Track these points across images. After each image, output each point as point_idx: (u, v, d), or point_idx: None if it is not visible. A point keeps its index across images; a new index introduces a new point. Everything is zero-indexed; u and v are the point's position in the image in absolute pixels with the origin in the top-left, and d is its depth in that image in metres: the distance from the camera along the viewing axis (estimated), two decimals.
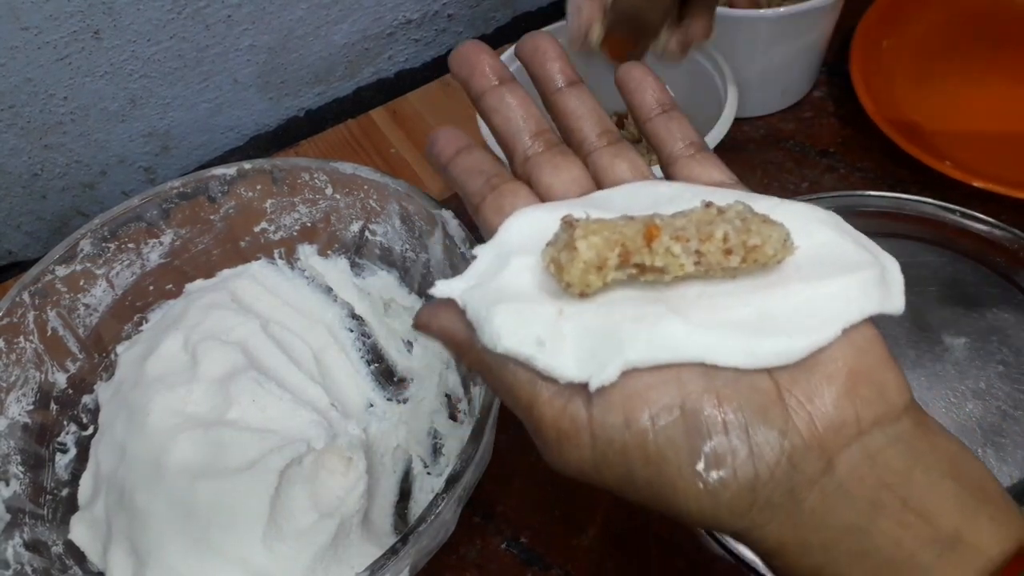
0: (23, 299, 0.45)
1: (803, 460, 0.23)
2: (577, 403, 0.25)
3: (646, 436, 0.24)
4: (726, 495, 0.23)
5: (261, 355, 0.49)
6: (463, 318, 0.27)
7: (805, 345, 0.24)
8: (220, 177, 0.49)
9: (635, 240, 0.25)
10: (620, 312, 0.25)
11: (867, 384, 0.24)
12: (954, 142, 0.57)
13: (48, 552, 0.43)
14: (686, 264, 0.25)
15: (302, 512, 0.41)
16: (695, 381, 0.24)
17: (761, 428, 0.23)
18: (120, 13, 0.57)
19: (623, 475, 0.25)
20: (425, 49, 0.73)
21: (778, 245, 0.25)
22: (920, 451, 0.24)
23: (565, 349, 0.25)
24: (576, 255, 0.25)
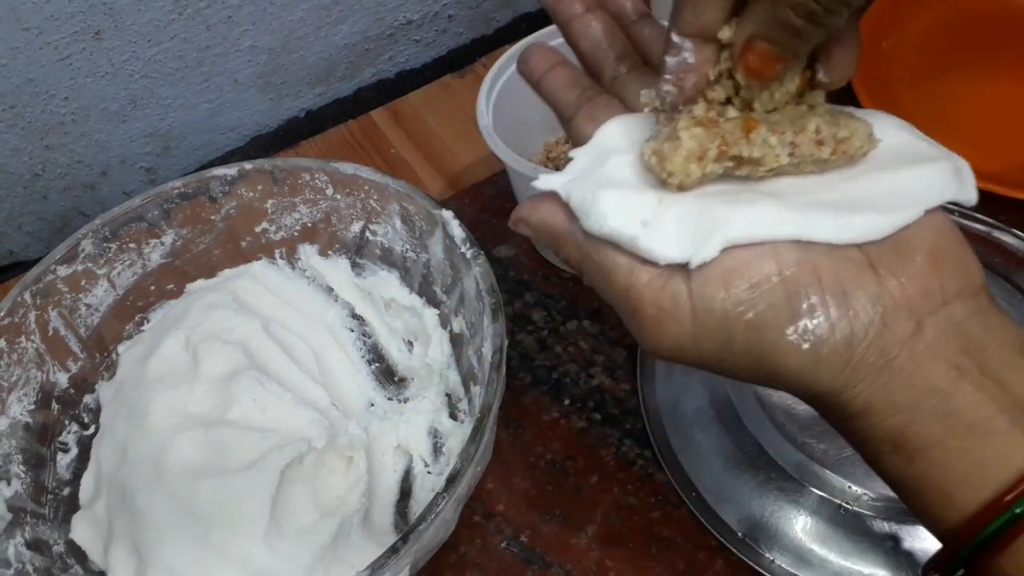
0: (24, 299, 0.45)
1: (894, 321, 0.25)
2: (677, 280, 0.26)
3: (746, 304, 0.25)
4: (824, 352, 0.25)
5: (262, 355, 0.49)
6: (563, 209, 0.29)
7: (892, 221, 0.26)
8: (221, 177, 0.49)
9: (734, 132, 0.27)
10: (717, 199, 0.27)
11: (950, 259, 0.26)
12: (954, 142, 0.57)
13: (49, 551, 0.43)
14: (781, 155, 0.27)
15: (303, 511, 0.42)
16: (791, 253, 0.26)
17: (856, 291, 0.25)
18: (121, 14, 0.57)
19: (723, 343, 0.26)
20: (425, 50, 0.74)
21: (864, 138, 0.27)
22: (994, 326, 0.26)
23: (667, 231, 0.26)
24: (679, 144, 0.26)
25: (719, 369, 0.27)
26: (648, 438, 0.47)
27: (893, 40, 0.63)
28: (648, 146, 0.28)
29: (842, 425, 0.27)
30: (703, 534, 0.43)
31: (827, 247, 0.26)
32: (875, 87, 0.59)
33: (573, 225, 0.28)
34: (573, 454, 0.48)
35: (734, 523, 0.43)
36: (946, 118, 0.59)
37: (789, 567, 0.41)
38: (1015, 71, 0.62)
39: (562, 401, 0.50)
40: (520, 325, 0.54)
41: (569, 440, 0.49)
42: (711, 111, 0.28)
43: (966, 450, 0.24)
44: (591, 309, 0.54)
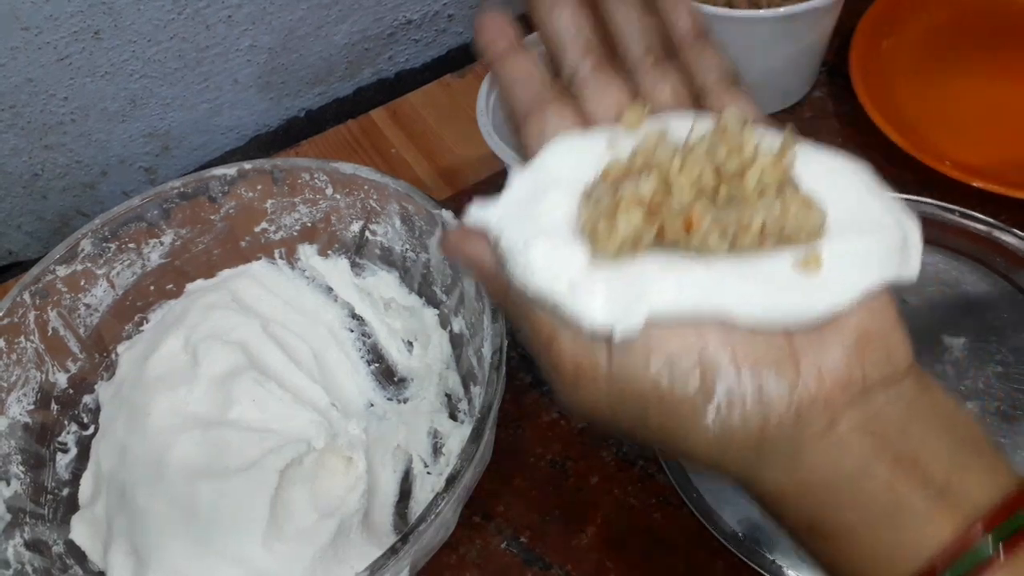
0: (24, 299, 0.45)
1: (809, 413, 0.24)
2: (598, 346, 0.26)
3: (662, 380, 0.25)
4: (734, 440, 0.25)
5: (261, 355, 0.49)
6: (493, 247, 0.28)
7: (823, 308, 0.25)
8: (220, 177, 0.49)
9: (674, 222, 0.26)
10: (649, 260, 0.26)
11: (876, 347, 0.25)
12: (954, 142, 0.57)
13: (49, 552, 0.43)
14: (719, 249, 0.26)
15: (302, 512, 0.42)
16: (714, 334, 0.25)
17: (772, 380, 0.24)
18: (120, 13, 0.57)
19: (637, 416, 0.26)
20: (425, 49, 0.74)
21: (812, 231, 0.26)
22: (918, 408, 0.25)
23: (594, 295, 0.26)
24: (614, 232, 0.25)
25: (634, 440, 0.27)
26: None
27: (893, 40, 0.63)
28: (585, 210, 0.27)
29: (760, 505, 0.27)
30: (704, 535, 0.43)
31: (751, 331, 0.25)
32: (875, 87, 0.59)
33: (501, 266, 0.27)
34: (573, 454, 0.48)
35: (735, 524, 0.43)
36: (946, 118, 0.59)
37: (790, 568, 0.41)
38: (1015, 71, 0.62)
39: None
40: None
41: (569, 440, 0.48)
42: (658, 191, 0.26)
43: (881, 534, 0.24)
44: None
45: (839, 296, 0.25)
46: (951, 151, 0.56)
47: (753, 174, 0.26)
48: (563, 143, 0.29)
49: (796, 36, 0.57)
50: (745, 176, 0.26)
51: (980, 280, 0.50)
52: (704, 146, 0.26)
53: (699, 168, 0.26)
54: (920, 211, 0.51)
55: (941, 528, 0.23)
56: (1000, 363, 0.47)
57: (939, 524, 0.23)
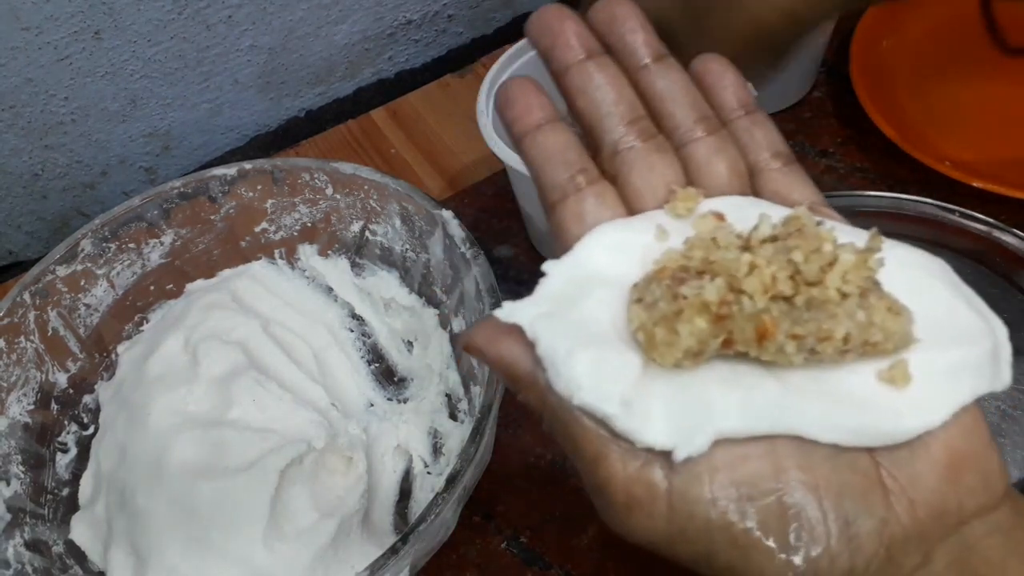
0: (24, 299, 0.45)
1: (901, 552, 0.22)
2: (655, 468, 0.22)
3: (733, 516, 0.22)
4: None
5: (262, 355, 0.49)
6: (529, 351, 0.24)
7: (913, 427, 0.22)
8: (221, 177, 0.49)
9: (745, 330, 0.22)
10: (712, 371, 0.23)
11: (971, 471, 0.23)
12: (954, 142, 0.57)
13: (49, 552, 0.43)
14: (796, 361, 0.23)
15: (302, 512, 0.42)
16: (791, 456, 0.22)
17: (861, 516, 0.22)
18: (121, 13, 0.57)
19: (701, 553, 0.22)
20: (425, 50, 0.74)
21: (900, 341, 0.23)
22: (1016, 539, 0.23)
23: (651, 412, 0.22)
24: (675, 340, 0.22)
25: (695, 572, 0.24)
26: None
27: (893, 40, 0.63)
28: (637, 316, 0.23)
29: None
30: None
31: (834, 450, 0.22)
32: (875, 87, 0.59)
33: (538, 372, 0.24)
34: None
35: None
36: (946, 118, 0.59)
37: None
38: (1016, 70, 0.62)
39: None
40: None
41: None
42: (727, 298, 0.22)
43: None
44: None
45: (930, 413, 0.22)
46: (951, 151, 0.56)
47: (835, 277, 0.22)
48: (605, 233, 0.25)
49: None
50: (825, 279, 0.22)
51: (980, 280, 0.50)
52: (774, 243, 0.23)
53: (772, 269, 0.22)
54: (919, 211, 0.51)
55: None
56: None
57: None
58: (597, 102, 0.27)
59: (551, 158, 0.27)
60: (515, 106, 0.27)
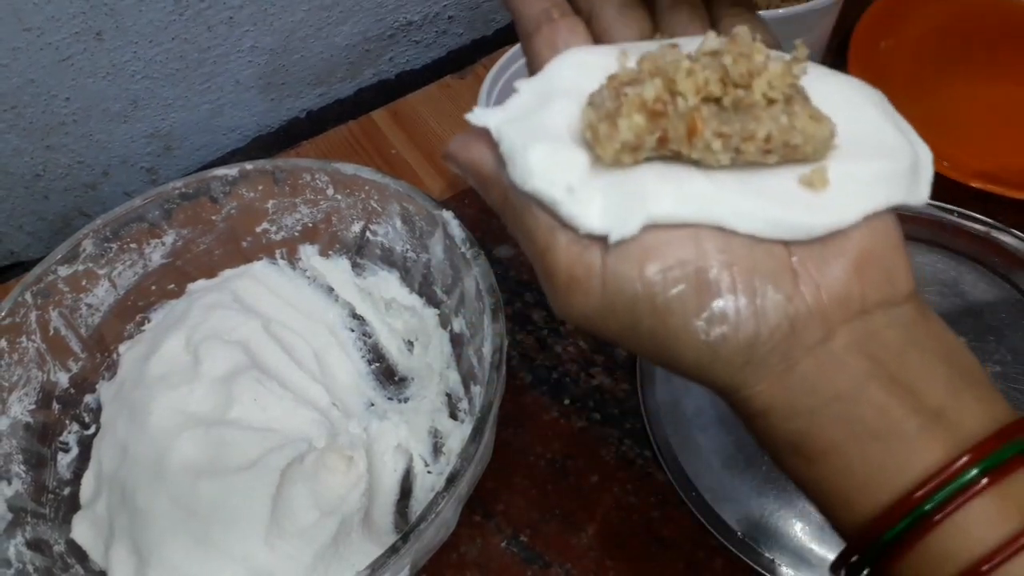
0: (25, 299, 0.45)
1: (804, 327, 0.24)
2: (593, 251, 0.25)
3: (656, 287, 0.24)
4: (725, 350, 0.24)
5: (263, 355, 0.49)
6: (494, 151, 0.27)
7: (825, 224, 0.24)
8: (222, 178, 0.49)
9: (677, 128, 0.25)
10: (650, 169, 0.26)
11: (877, 267, 0.25)
12: (952, 142, 0.57)
13: (50, 551, 0.43)
14: (722, 159, 0.25)
15: (303, 511, 0.42)
16: (712, 241, 0.24)
17: (768, 290, 0.24)
18: (122, 14, 0.57)
19: (628, 324, 0.25)
20: (426, 51, 0.74)
21: (819, 145, 0.25)
22: (916, 333, 0.25)
23: (592, 199, 0.25)
24: (615, 134, 0.25)
25: (625, 347, 0.27)
26: (648, 438, 0.47)
27: (893, 40, 0.63)
28: (587, 113, 0.26)
29: (744, 422, 0.26)
30: (703, 534, 0.44)
31: (751, 240, 0.25)
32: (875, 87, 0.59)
33: (501, 170, 0.27)
34: (573, 454, 0.48)
35: (734, 523, 0.43)
36: (946, 118, 0.59)
37: (788, 567, 0.41)
38: (1015, 71, 0.62)
39: (562, 401, 0.50)
40: (520, 325, 0.54)
41: (569, 440, 0.49)
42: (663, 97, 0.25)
43: (868, 455, 0.24)
44: None
45: (843, 213, 0.25)
46: (949, 151, 0.56)
47: (761, 82, 0.25)
48: (572, 56, 0.28)
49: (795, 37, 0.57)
50: (753, 85, 0.25)
51: (978, 280, 0.50)
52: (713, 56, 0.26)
53: (706, 74, 0.25)
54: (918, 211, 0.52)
55: (930, 454, 0.23)
56: (998, 363, 0.47)
57: (928, 450, 0.23)
58: None
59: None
60: None
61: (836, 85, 0.28)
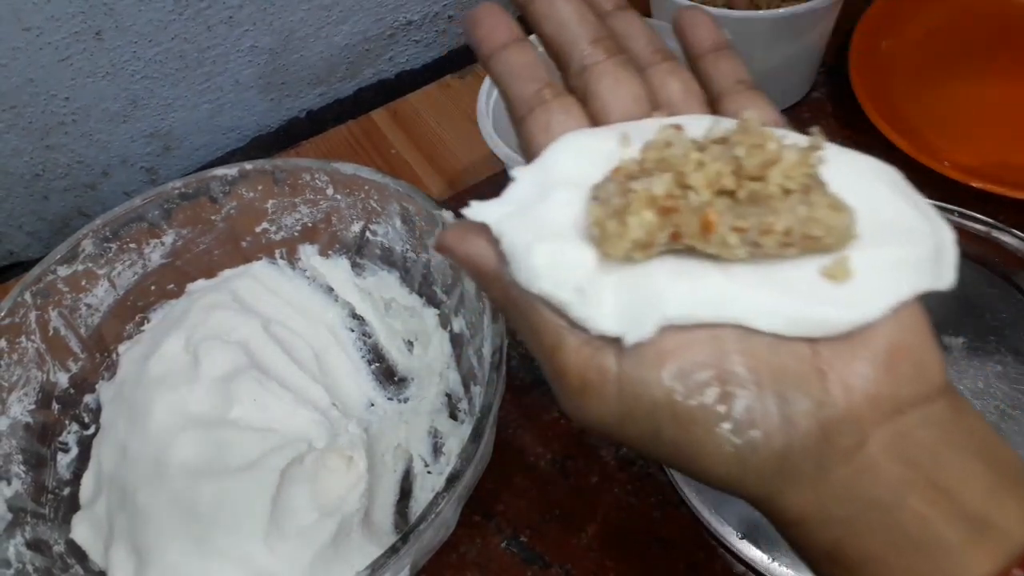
0: (25, 299, 0.45)
1: (836, 433, 0.23)
2: (607, 354, 0.24)
3: (676, 394, 0.23)
4: (754, 460, 0.23)
5: (262, 355, 0.49)
6: (494, 247, 0.26)
7: (851, 319, 0.23)
8: (222, 177, 0.49)
9: (690, 223, 0.24)
10: (663, 264, 0.24)
11: (908, 362, 0.23)
12: (953, 142, 0.57)
13: (50, 551, 0.43)
14: (739, 253, 0.24)
15: (303, 511, 0.42)
16: (733, 342, 0.23)
17: (797, 397, 0.23)
18: (122, 14, 0.57)
19: (648, 432, 0.24)
20: (426, 50, 0.74)
21: (840, 236, 0.24)
22: (952, 432, 0.23)
23: (604, 300, 0.24)
24: (624, 232, 0.23)
25: (644, 455, 0.25)
26: None
27: (893, 40, 0.63)
28: (594, 209, 0.24)
29: (778, 530, 0.25)
30: (703, 534, 0.43)
31: (774, 339, 0.23)
32: (874, 88, 0.59)
33: (502, 267, 0.25)
34: (573, 454, 0.48)
35: (734, 523, 0.43)
36: (946, 118, 0.59)
37: (789, 568, 0.41)
38: (1015, 71, 0.62)
39: None
40: None
41: (569, 440, 0.49)
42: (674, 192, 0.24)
43: (911, 566, 0.22)
44: None
45: (869, 306, 0.23)
46: (950, 151, 0.56)
47: (776, 173, 0.24)
48: (571, 140, 0.27)
49: (795, 37, 0.57)
50: (768, 175, 0.24)
51: (979, 280, 0.50)
52: (723, 144, 0.25)
53: (718, 165, 0.24)
54: None
55: (978, 567, 0.22)
56: (999, 363, 0.47)
57: (976, 562, 0.22)
58: (563, 23, 0.29)
59: (518, 74, 0.28)
60: (482, 26, 0.29)
61: (849, 164, 0.26)
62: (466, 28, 0.30)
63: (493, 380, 0.39)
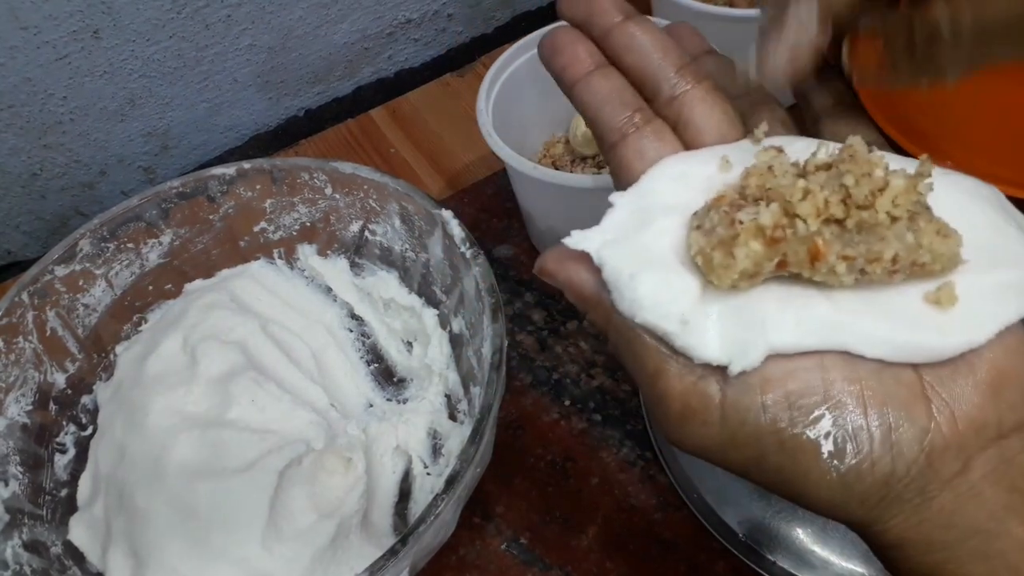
0: (22, 299, 0.45)
1: (941, 459, 0.23)
2: (710, 381, 0.24)
3: (782, 422, 0.23)
4: (859, 487, 0.23)
5: (260, 355, 0.49)
6: (595, 274, 0.26)
7: (957, 344, 0.23)
8: (219, 177, 0.49)
9: (798, 253, 0.24)
10: (767, 291, 0.25)
11: (1012, 388, 0.24)
12: (954, 142, 0.57)
13: (47, 553, 0.43)
14: (846, 281, 0.24)
15: (301, 513, 0.41)
16: (838, 369, 0.23)
17: (903, 425, 0.23)
18: (119, 12, 0.57)
19: (752, 458, 0.24)
20: (425, 49, 0.73)
21: (947, 263, 0.24)
22: None
23: (708, 329, 0.24)
24: (731, 263, 0.24)
25: (747, 478, 0.25)
26: (649, 439, 0.47)
27: None
28: (695, 241, 0.25)
29: (875, 552, 0.25)
30: (704, 536, 0.43)
31: (878, 364, 0.23)
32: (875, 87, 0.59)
33: (603, 294, 0.26)
34: (573, 455, 0.48)
35: (736, 525, 0.43)
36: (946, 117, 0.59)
37: (791, 569, 0.41)
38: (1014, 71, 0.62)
39: (562, 402, 0.50)
40: (520, 325, 0.54)
41: (569, 441, 0.48)
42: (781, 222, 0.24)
43: None
44: None
45: (974, 332, 0.23)
46: (951, 151, 0.56)
47: (885, 201, 0.23)
48: (668, 166, 0.27)
49: None
50: (876, 203, 0.24)
51: None
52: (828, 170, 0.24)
53: (824, 194, 0.24)
54: None
55: None
56: None
57: None
58: (646, 53, 0.29)
59: (608, 100, 0.28)
60: (563, 54, 0.29)
61: (950, 187, 0.26)
62: (544, 56, 0.30)
63: (493, 381, 0.39)
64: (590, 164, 0.58)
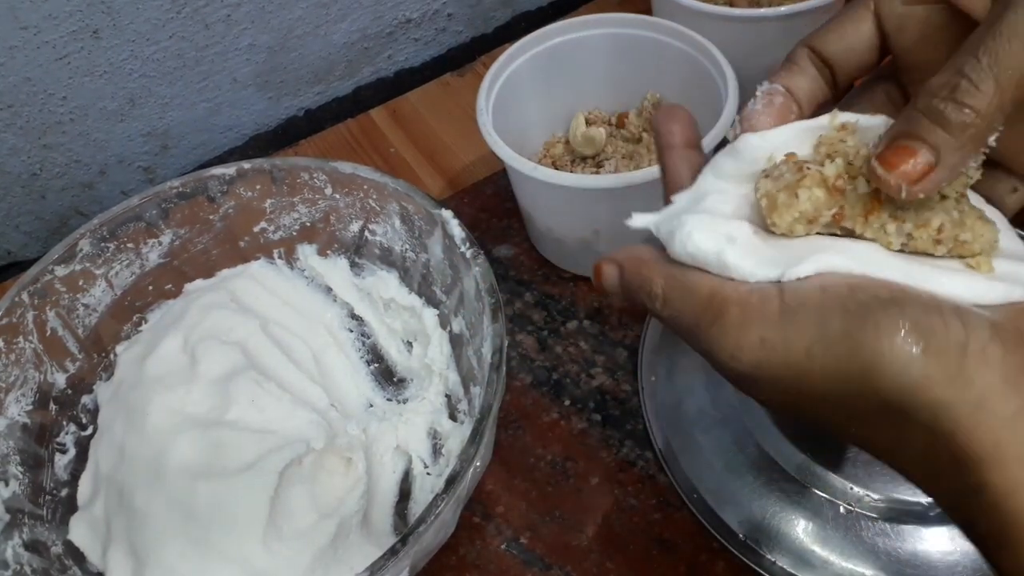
0: (22, 299, 0.45)
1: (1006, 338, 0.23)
2: (767, 287, 0.25)
3: (847, 297, 0.24)
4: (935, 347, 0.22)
5: (260, 355, 0.49)
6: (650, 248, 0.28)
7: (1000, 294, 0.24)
8: (219, 177, 0.49)
9: (854, 207, 0.26)
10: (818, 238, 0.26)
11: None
12: None
13: (47, 552, 0.43)
14: (893, 243, 0.26)
15: (302, 513, 0.41)
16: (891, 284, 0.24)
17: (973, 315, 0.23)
18: (119, 12, 0.57)
19: (815, 333, 0.24)
20: (425, 48, 0.73)
21: (986, 245, 0.26)
22: None
23: (757, 248, 0.26)
24: (794, 203, 0.26)
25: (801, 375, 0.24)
26: (649, 439, 0.47)
27: None
28: (763, 183, 0.27)
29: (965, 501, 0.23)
30: (704, 536, 0.43)
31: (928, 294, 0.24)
32: None
33: (660, 255, 0.28)
34: (573, 455, 0.48)
35: (735, 525, 0.43)
36: None
37: (791, 569, 0.41)
38: None
39: (562, 402, 0.50)
40: (520, 325, 0.54)
41: (569, 441, 0.48)
42: (842, 176, 0.26)
43: None
44: (591, 309, 0.54)
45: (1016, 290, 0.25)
46: None
47: None
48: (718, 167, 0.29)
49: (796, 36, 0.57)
50: None
51: None
52: None
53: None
54: None
55: None
56: None
57: None
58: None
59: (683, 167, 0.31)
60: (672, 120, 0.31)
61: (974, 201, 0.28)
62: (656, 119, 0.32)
63: (493, 381, 0.39)
64: (590, 164, 0.58)
